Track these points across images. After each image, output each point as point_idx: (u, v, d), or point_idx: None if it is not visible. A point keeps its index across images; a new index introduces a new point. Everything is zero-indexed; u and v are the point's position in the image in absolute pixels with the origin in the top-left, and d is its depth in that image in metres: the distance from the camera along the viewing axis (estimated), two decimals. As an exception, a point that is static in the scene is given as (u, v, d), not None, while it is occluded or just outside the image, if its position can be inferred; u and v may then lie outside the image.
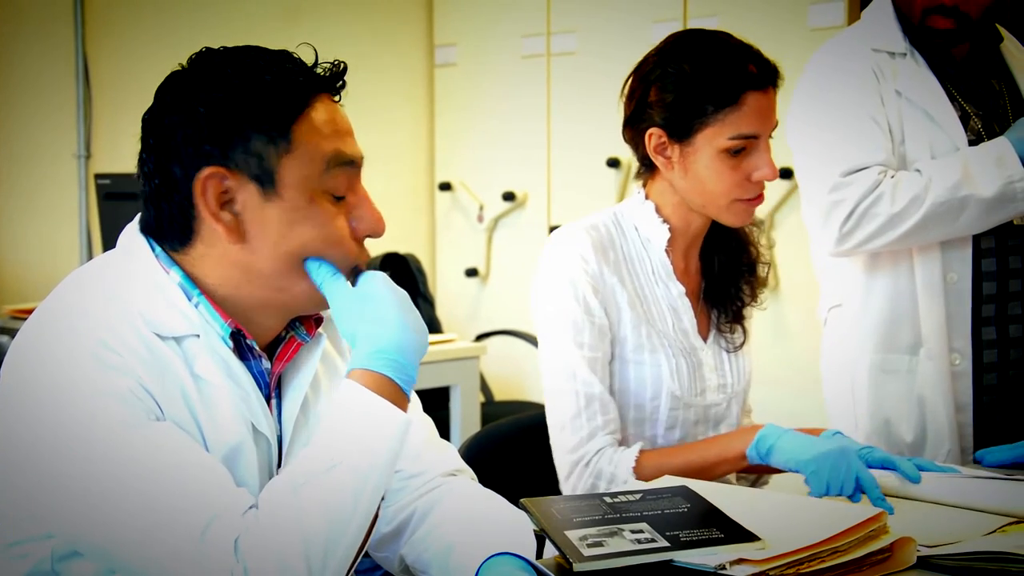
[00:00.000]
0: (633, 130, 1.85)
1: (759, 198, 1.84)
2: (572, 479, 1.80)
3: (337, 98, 1.35)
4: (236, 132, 1.28)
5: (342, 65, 1.34)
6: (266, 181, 1.28)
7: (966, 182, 2.11)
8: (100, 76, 4.17)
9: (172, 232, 1.32)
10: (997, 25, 2.34)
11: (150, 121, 1.32)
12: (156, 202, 1.32)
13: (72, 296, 1.30)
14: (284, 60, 1.32)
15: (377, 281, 1.33)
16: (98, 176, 3.52)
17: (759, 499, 1.56)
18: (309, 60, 1.33)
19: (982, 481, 1.69)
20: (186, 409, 1.27)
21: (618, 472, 1.76)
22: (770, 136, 1.82)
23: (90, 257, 4.10)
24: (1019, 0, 3.99)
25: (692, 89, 1.77)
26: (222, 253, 1.31)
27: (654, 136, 1.81)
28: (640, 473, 1.76)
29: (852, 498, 1.62)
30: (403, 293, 1.34)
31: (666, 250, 1.87)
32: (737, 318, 1.94)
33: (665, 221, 1.87)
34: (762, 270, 1.96)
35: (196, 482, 1.20)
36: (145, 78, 4.67)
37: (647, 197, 1.89)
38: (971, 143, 2.19)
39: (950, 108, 2.20)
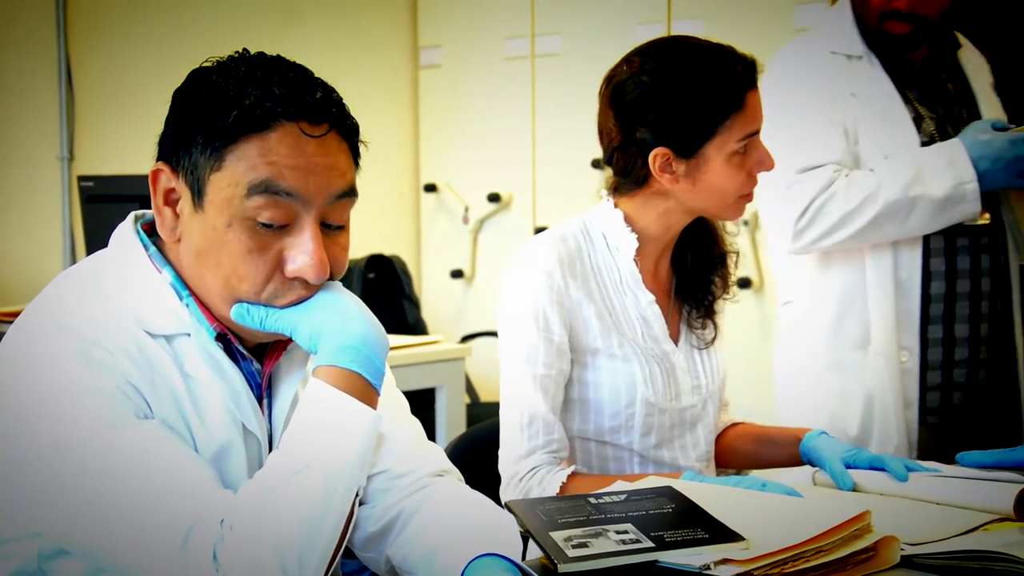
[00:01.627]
0: (626, 155, 1.82)
1: (752, 192, 1.86)
2: (508, 492, 1.81)
3: (320, 131, 1.27)
4: (185, 136, 1.28)
5: (331, 95, 1.30)
6: (196, 192, 1.29)
7: (917, 182, 2.15)
8: (83, 78, 4.16)
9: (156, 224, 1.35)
10: (956, 32, 2.37)
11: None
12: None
13: (63, 294, 1.30)
14: (271, 79, 1.27)
15: (335, 287, 1.33)
16: (81, 178, 3.51)
17: (744, 499, 1.57)
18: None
19: (964, 480, 1.70)
20: (176, 408, 1.27)
21: (544, 495, 1.75)
22: None
23: (74, 259, 4.09)
24: (978, 7, 4.01)
25: (699, 105, 1.76)
26: (176, 251, 1.33)
27: (659, 156, 1.78)
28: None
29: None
30: (356, 297, 1.34)
31: (634, 258, 1.87)
32: (708, 313, 1.94)
33: (634, 231, 1.86)
34: (731, 260, 1.97)
35: (181, 483, 1.20)
36: (128, 80, 4.69)
37: (616, 205, 1.88)
38: (924, 145, 2.22)
39: (904, 110, 2.24)
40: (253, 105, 1.25)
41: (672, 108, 1.76)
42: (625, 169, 1.84)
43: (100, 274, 1.33)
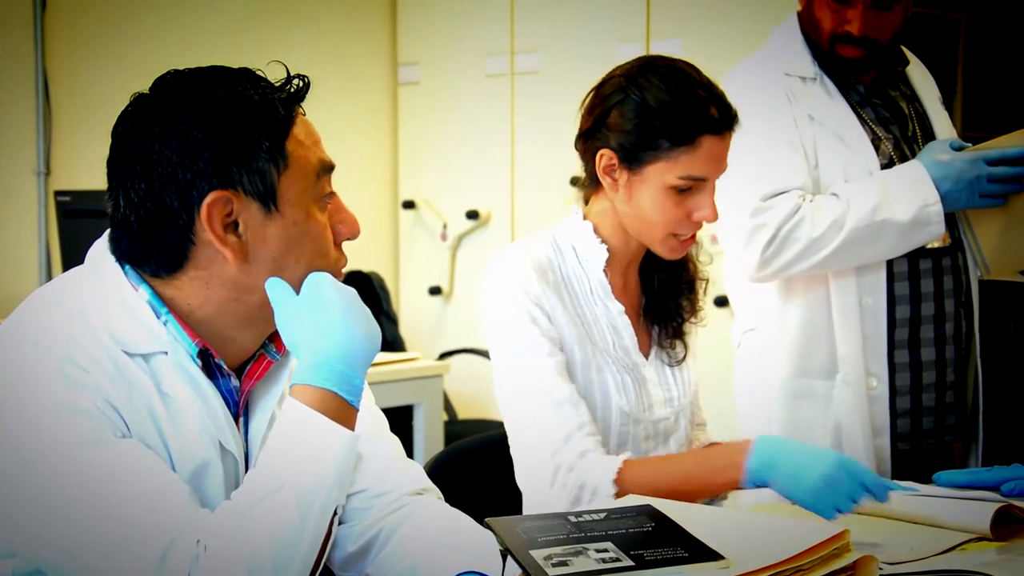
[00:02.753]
0: (586, 145, 1.85)
1: (693, 237, 1.85)
2: (556, 488, 1.75)
3: (302, 110, 1.35)
4: (238, 153, 1.27)
5: (307, 79, 1.35)
6: (269, 199, 1.29)
7: (884, 206, 2.14)
8: (60, 93, 4.14)
9: (162, 259, 1.30)
10: (903, 48, 2.37)
11: (131, 149, 1.29)
12: (146, 230, 1.29)
13: (39, 313, 1.29)
14: (259, 79, 1.32)
15: (321, 284, 1.31)
16: (58, 193, 3.49)
17: (723, 517, 1.57)
18: (273, 76, 1.34)
19: (942, 500, 1.71)
20: (153, 426, 1.26)
21: (600, 487, 1.72)
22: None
23: (50, 275, 4.06)
24: (923, 23, 4.04)
25: (650, 123, 1.76)
26: (217, 275, 1.30)
27: (605, 157, 1.80)
28: (621, 486, 1.72)
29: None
30: (350, 293, 1.32)
31: (604, 269, 1.87)
32: (677, 334, 1.94)
33: (604, 241, 1.87)
34: (701, 287, 1.97)
35: (157, 503, 1.19)
36: (105, 95, 4.68)
37: (585, 217, 1.89)
38: (883, 167, 2.22)
39: (862, 132, 2.23)
40: (279, 102, 1.30)
41: (629, 117, 1.78)
42: (584, 159, 1.87)
43: (75, 291, 1.31)
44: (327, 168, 1.34)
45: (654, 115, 1.76)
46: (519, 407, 1.81)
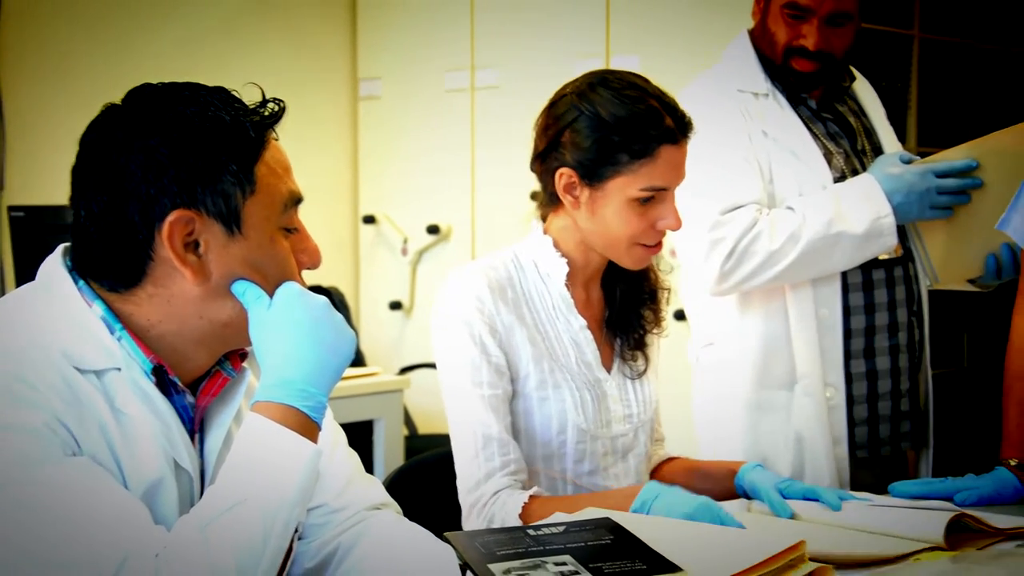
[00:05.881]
0: (543, 165, 1.85)
1: (659, 245, 1.86)
2: (471, 521, 1.79)
3: (276, 135, 1.34)
4: (204, 173, 1.26)
5: (282, 103, 1.34)
6: (232, 222, 1.28)
7: (838, 219, 2.17)
8: (14, 107, 4.10)
9: (119, 273, 1.29)
10: (850, 66, 2.41)
11: (97, 159, 1.28)
12: (105, 243, 1.28)
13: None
14: (233, 99, 1.31)
15: (290, 299, 1.30)
16: (11, 208, 3.45)
17: (681, 530, 1.57)
18: (248, 98, 1.33)
19: (897, 509, 1.73)
20: (105, 444, 1.25)
21: (508, 519, 1.75)
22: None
23: (2, 291, 4.01)
24: (877, 40, 4.10)
25: (609, 138, 1.77)
26: (176, 293, 1.29)
27: (564, 175, 1.81)
28: (526, 521, 1.73)
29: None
30: (320, 305, 1.31)
31: (566, 284, 1.88)
32: (639, 345, 1.95)
33: (564, 256, 1.88)
34: (663, 296, 1.98)
35: (110, 521, 1.18)
36: (60, 110, 4.63)
37: (546, 232, 1.89)
38: (835, 180, 2.26)
39: (814, 147, 2.27)
40: (251, 124, 1.29)
41: (586, 134, 1.78)
42: (542, 180, 1.87)
43: (26, 308, 1.30)
44: (296, 200, 1.34)
45: (612, 130, 1.77)
46: (454, 436, 1.83)
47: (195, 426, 1.36)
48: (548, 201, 1.88)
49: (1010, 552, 1.58)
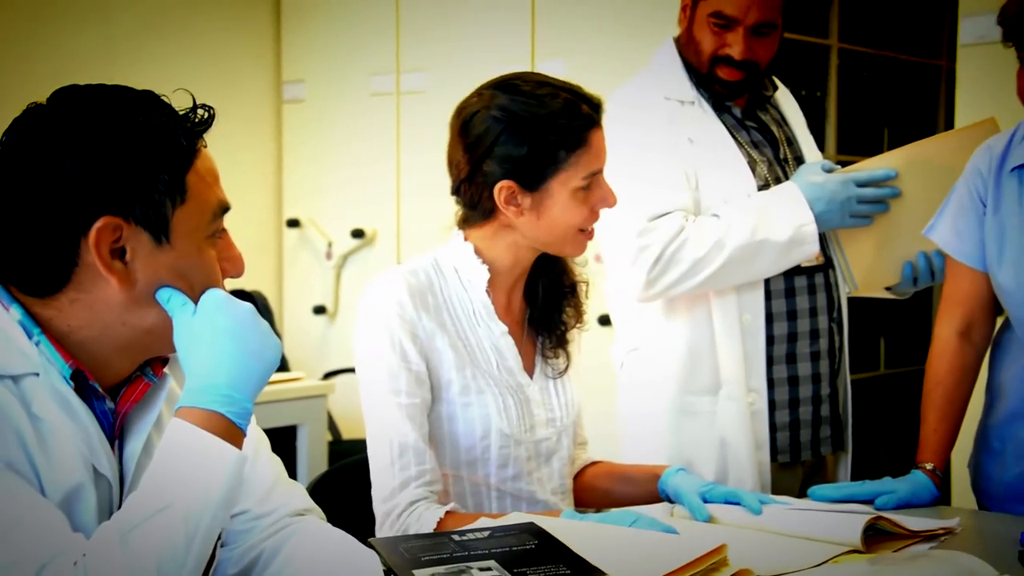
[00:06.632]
0: (472, 187, 1.85)
1: (594, 229, 1.89)
2: (384, 530, 1.78)
3: (204, 143, 1.33)
4: (135, 182, 1.24)
5: (212, 110, 1.32)
6: (160, 231, 1.26)
7: (762, 226, 2.21)
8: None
9: (41, 277, 1.27)
10: (773, 77, 2.46)
11: (21, 162, 1.24)
12: (28, 247, 1.25)
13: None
14: (163, 105, 1.29)
15: (215, 306, 1.29)
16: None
17: (605, 534, 1.58)
18: (177, 104, 1.31)
19: (816, 512, 1.75)
20: (21, 451, 1.22)
21: (421, 532, 1.75)
22: None
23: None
24: (796, 49, 4.19)
25: (544, 139, 1.78)
26: (99, 299, 1.27)
27: (504, 189, 1.81)
28: None
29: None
30: (244, 311, 1.30)
31: (487, 290, 1.89)
32: (561, 342, 1.96)
33: (485, 262, 1.88)
34: (582, 290, 2.00)
35: (26, 529, 1.16)
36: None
37: (466, 239, 1.90)
38: (759, 188, 2.29)
39: (739, 155, 2.31)
40: (183, 132, 1.27)
41: (518, 142, 1.79)
42: (472, 201, 1.86)
43: None
44: (224, 209, 1.33)
45: (545, 130, 1.78)
46: (371, 443, 1.83)
47: (115, 432, 1.34)
48: (481, 217, 1.87)
49: (925, 554, 1.61)
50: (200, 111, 1.31)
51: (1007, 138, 2.03)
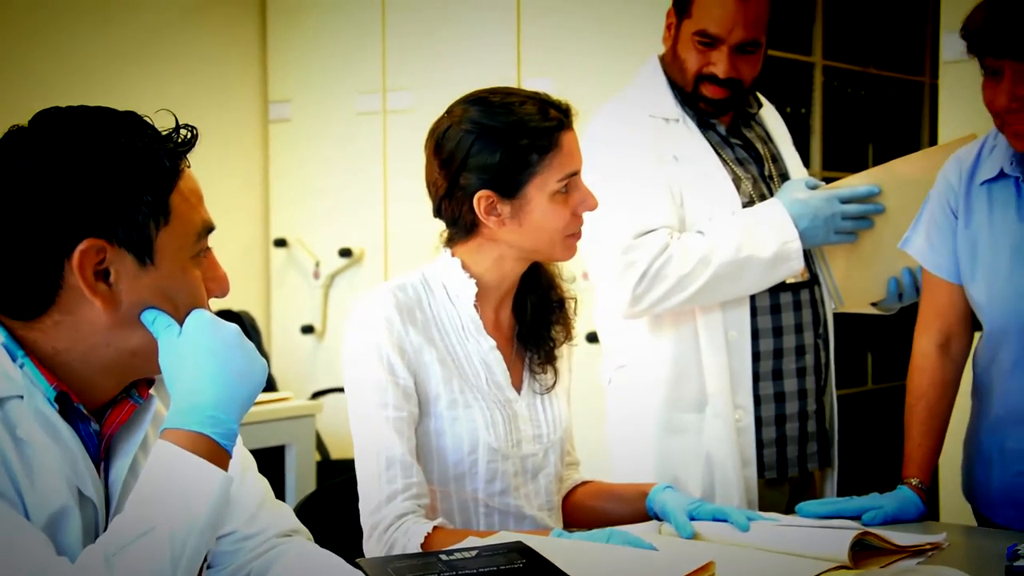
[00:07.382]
0: (452, 202, 1.86)
1: (580, 231, 1.89)
2: (371, 543, 1.78)
3: (188, 163, 1.33)
4: (118, 204, 1.24)
5: (195, 130, 1.32)
6: (144, 253, 1.26)
7: (747, 243, 2.22)
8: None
9: (25, 300, 1.26)
10: (757, 93, 2.47)
11: (4, 183, 1.24)
12: (11, 270, 1.25)
13: None
14: (146, 126, 1.29)
15: (200, 327, 1.29)
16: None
17: (592, 553, 1.58)
18: (158, 123, 1.31)
19: (803, 529, 1.76)
20: (5, 474, 1.22)
21: (409, 547, 1.74)
22: None
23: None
24: (780, 66, 4.20)
25: (516, 145, 1.80)
26: (83, 320, 1.27)
27: (483, 199, 1.82)
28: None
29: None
30: (230, 333, 1.30)
31: (475, 305, 1.89)
32: (549, 358, 1.97)
33: (473, 277, 1.89)
34: (570, 305, 2.00)
35: (12, 550, 1.15)
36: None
37: (454, 255, 1.91)
38: (744, 205, 2.31)
39: (724, 172, 2.32)
40: (165, 153, 1.27)
41: (491, 151, 1.81)
42: (454, 218, 1.88)
43: None
44: (208, 229, 1.33)
45: (516, 136, 1.80)
46: (358, 457, 1.83)
47: (101, 454, 1.33)
48: (465, 233, 1.88)
49: (912, 569, 1.62)
50: (183, 131, 1.31)
51: (976, 150, 2.03)
